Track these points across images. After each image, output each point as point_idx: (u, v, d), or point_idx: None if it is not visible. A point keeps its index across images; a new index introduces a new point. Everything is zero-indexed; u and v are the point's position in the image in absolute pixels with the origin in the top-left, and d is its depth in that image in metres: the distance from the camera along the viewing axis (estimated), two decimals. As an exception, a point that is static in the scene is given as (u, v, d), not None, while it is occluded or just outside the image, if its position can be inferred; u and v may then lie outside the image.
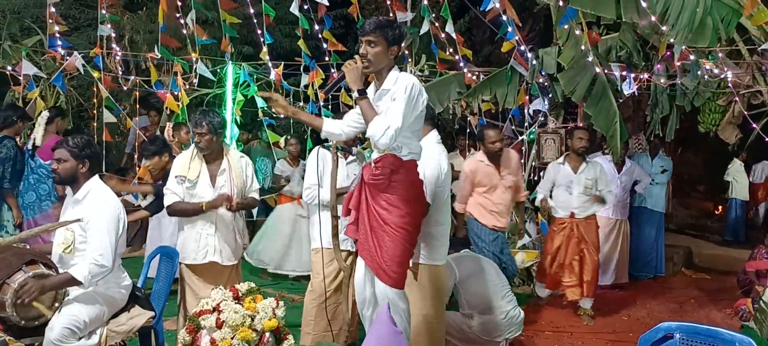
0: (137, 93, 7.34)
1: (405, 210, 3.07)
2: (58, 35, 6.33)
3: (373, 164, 3.10)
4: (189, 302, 3.91)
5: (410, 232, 3.11)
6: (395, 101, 2.98)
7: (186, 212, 3.89)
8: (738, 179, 10.25)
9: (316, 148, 4.07)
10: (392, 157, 3.07)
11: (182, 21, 6.55)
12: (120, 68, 6.92)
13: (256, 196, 4.13)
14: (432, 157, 3.49)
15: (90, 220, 3.27)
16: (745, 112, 5.97)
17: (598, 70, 6.08)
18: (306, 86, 7.43)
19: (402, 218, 3.07)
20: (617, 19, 5.62)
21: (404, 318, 3.18)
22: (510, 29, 6.17)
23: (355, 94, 3.05)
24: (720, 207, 12.04)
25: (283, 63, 7.36)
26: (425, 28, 6.81)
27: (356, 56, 3.07)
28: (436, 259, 3.66)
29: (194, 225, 3.91)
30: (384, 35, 3.04)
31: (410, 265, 3.34)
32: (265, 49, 6.96)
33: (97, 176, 3.46)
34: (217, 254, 3.93)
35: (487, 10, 6.18)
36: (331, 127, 3.38)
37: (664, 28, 5.19)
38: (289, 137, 7.00)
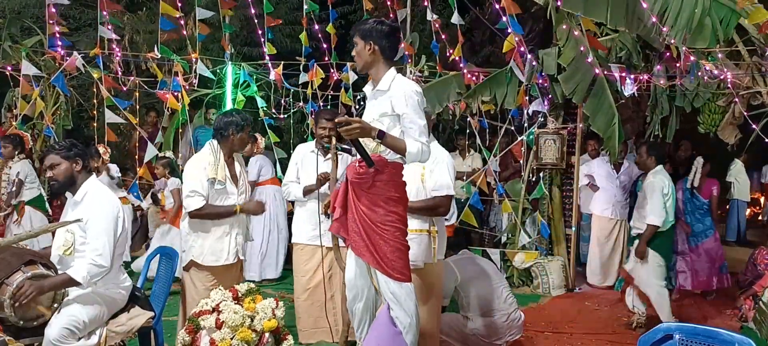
0: (138, 93, 7.34)
1: (388, 209, 3.08)
2: (58, 35, 6.33)
3: (357, 164, 3.11)
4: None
5: (398, 228, 3.11)
6: (409, 117, 3.03)
7: (219, 214, 3.84)
8: (739, 179, 10.26)
9: (300, 146, 4.19)
10: (378, 158, 3.08)
11: (182, 22, 6.55)
12: (120, 69, 6.91)
13: None
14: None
15: (89, 220, 3.27)
16: (745, 113, 5.97)
17: (597, 71, 6.09)
18: (304, 85, 7.44)
19: (387, 215, 3.08)
20: (607, 23, 5.64)
21: (410, 314, 3.15)
22: (509, 30, 6.17)
23: (372, 143, 3.04)
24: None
25: (282, 63, 7.36)
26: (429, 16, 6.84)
27: (347, 118, 2.97)
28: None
29: (223, 227, 3.87)
30: (361, 34, 3.10)
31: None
32: (265, 47, 6.96)
33: (94, 176, 3.46)
34: (242, 251, 4.01)
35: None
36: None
37: (664, 29, 5.20)
38: (157, 157, 6.74)
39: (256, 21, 6.95)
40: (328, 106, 8.03)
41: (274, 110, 8.10)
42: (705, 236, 6.34)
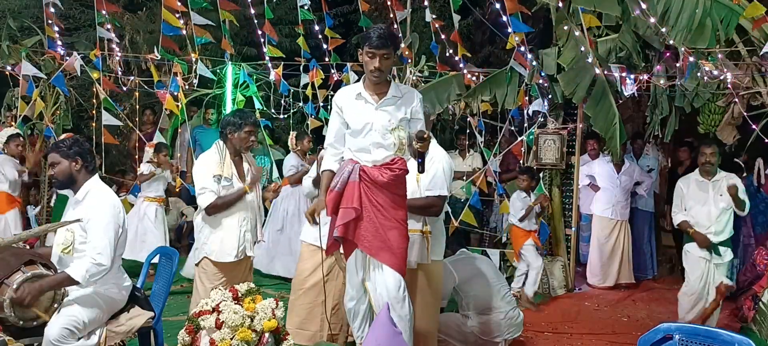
0: (137, 94, 7.34)
1: (405, 205, 3.41)
2: (57, 37, 6.33)
3: (383, 166, 3.28)
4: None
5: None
6: (421, 123, 3.39)
7: (231, 201, 3.98)
8: (740, 180, 10.26)
9: None
10: (402, 160, 3.30)
11: (182, 22, 6.56)
12: (120, 69, 6.91)
13: None
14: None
15: (90, 219, 3.26)
16: (745, 114, 5.97)
17: (597, 71, 6.09)
18: (305, 86, 7.44)
19: (405, 212, 3.38)
20: (621, 18, 5.64)
21: (407, 309, 3.34)
22: (509, 30, 6.17)
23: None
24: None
25: (282, 63, 7.36)
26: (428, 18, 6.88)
27: (421, 134, 3.15)
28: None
29: (234, 222, 3.99)
30: (395, 48, 3.30)
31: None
32: (266, 49, 6.96)
33: (96, 176, 3.45)
34: (250, 247, 4.11)
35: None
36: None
37: (663, 29, 5.20)
38: (305, 134, 6.88)
39: (255, 21, 6.95)
40: (328, 107, 8.04)
41: (273, 110, 8.10)
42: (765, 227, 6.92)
